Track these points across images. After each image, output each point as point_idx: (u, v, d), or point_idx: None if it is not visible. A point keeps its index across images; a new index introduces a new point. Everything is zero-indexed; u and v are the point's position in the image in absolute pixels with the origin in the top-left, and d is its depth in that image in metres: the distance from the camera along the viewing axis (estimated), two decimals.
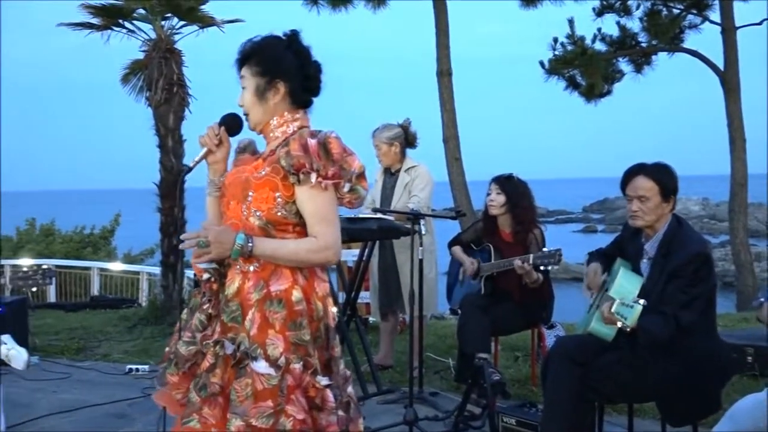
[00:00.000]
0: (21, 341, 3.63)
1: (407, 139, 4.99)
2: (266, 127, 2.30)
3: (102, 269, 11.48)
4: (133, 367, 5.40)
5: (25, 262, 10.98)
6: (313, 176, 2.13)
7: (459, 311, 4.46)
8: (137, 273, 11.11)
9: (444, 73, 9.20)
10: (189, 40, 7.63)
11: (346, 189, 2.20)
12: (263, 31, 2.34)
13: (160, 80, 7.24)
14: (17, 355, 3.50)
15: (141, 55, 7.54)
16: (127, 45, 7.64)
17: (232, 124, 2.36)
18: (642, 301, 2.82)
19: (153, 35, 7.46)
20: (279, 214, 2.17)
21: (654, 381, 3.03)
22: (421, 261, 4.30)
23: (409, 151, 5.05)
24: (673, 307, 2.94)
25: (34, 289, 3.59)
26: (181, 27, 7.57)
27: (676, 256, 3.02)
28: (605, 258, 3.46)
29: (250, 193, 2.18)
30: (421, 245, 4.25)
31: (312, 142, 2.15)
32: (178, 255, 7.48)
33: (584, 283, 3.57)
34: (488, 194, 4.46)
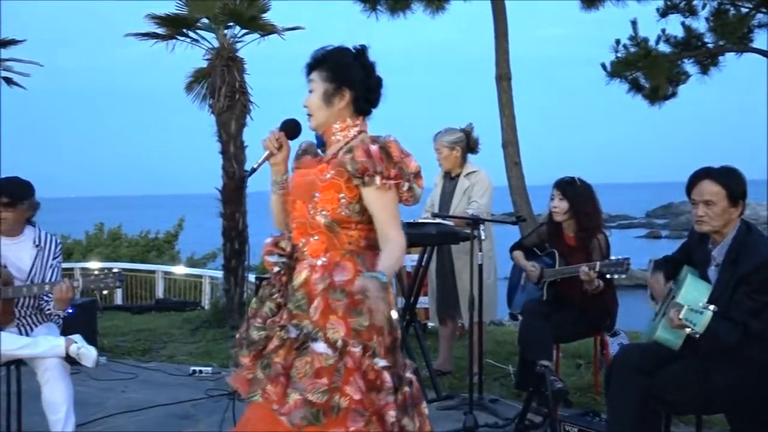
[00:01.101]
0: (90, 342, 3.75)
1: (469, 144, 4.96)
2: (328, 130, 2.49)
3: (166, 273, 11.75)
4: (197, 368, 5.51)
5: (94, 265, 11.35)
6: (378, 178, 2.33)
7: (520, 317, 4.40)
8: (200, 276, 11.34)
9: (503, 78, 9.10)
10: (250, 47, 7.78)
11: (405, 188, 2.41)
12: (322, 37, 2.42)
13: (223, 88, 7.39)
14: (87, 354, 3.60)
15: (204, 64, 7.71)
16: (190, 54, 7.86)
17: (291, 129, 2.57)
18: (712, 307, 2.74)
19: (216, 44, 7.61)
20: (343, 213, 2.37)
21: (724, 391, 2.94)
22: (480, 266, 4.27)
23: (469, 156, 5.02)
24: (742, 314, 2.85)
25: (105, 291, 3.72)
26: (243, 35, 7.70)
27: (745, 262, 2.93)
28: (671, 265, 3.37)
29: (316, 194, 2.38)
30: (480, 250, 4.22)
31: (374, 148, 2.36)
32: (239, 259, 7.61)
33: (648, 293, 3.48)
34: (551, 199, 4.36)
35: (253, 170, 2.54)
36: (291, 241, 2.43)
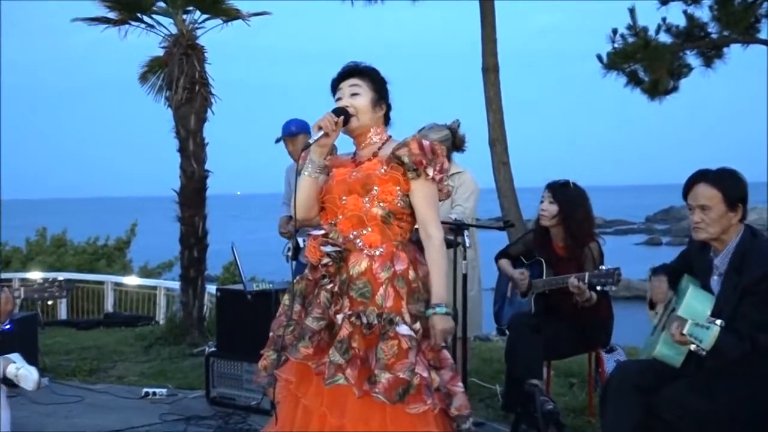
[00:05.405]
0: (30, 361, 3.70)
1: (455, 142, 4.96)
2: (365, 132, 2.92)
3: (117, 283, 11.64)
4: (150, 390, 5.45)
5: (35, 275, 11.20)
6: (430, 170, 2.79)
7: (507, 332, 4.42)
8: (154, 288, 11.24)
9: (490, 70, 9.14)
10: (212, 34, 7.73)
11: (445, 183, 2.89)
12: (293, 24, 2.46)
13: (181, 79, 7.31)
14: (27, 375, 3.55)
15: (161, 52, 7.65)
16: (145, 41, 7.79)
17: (346, 116, 2.85)
18: (719, 322, 2.77)
19: (174, 30, 7.55)
20: (399, 204, 2.81)
21: (730, 411, 2.97)
22: (464, 276, 4.28)
23: (454, 155, 5.02)
24: (749, 326, 2.88)
25: (50, 302, 3.67)
26: (204, 21, 7.64)
27: (750, 271, 2.98)
28: (671, 274, 3.41)
29: (375, 188, 2.78)
30: (464, 259, 4.24)
31: (426, 143, 2.83)
32: (198, 269, 7.56)
33: (648, 302, 3.52)
34: (541, 202, 4.40)
35: (307, 146, 2.82)
36: (339, 234, 2.78)
